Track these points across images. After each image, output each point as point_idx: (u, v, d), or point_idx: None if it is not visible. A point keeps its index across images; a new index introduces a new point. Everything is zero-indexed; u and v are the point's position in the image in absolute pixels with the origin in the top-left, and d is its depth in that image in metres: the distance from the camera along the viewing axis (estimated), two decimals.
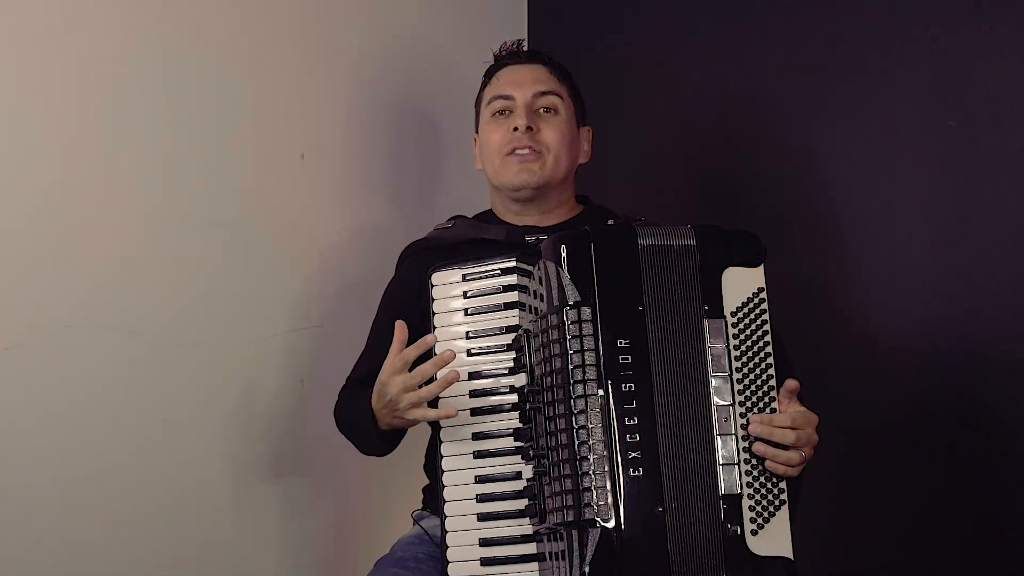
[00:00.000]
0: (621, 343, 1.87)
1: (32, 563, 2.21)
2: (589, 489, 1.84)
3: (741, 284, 1.91)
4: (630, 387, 1.86)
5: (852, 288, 2.57)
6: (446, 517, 2.00)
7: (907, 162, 2.48)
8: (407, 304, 2.18)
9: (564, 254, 1.91)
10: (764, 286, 1.92)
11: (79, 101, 2.25)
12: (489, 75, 2.32)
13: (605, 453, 1.84)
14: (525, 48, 2.35)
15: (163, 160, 2.36)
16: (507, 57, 2.31)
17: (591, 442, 1.85)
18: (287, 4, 2.57)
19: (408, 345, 2.02)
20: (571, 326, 1.87)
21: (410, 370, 1.98)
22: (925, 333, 2.47)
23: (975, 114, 2.40)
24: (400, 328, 1.98)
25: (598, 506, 1.83)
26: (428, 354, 2.00)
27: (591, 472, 1.84)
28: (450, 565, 1.98)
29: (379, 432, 2.09)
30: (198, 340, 2.39)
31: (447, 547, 1.99)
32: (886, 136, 2.50)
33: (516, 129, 2.21)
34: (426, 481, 2.29)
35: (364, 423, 2.10)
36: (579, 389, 1.86)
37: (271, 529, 2.54)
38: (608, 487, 1.83)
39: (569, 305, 1.88)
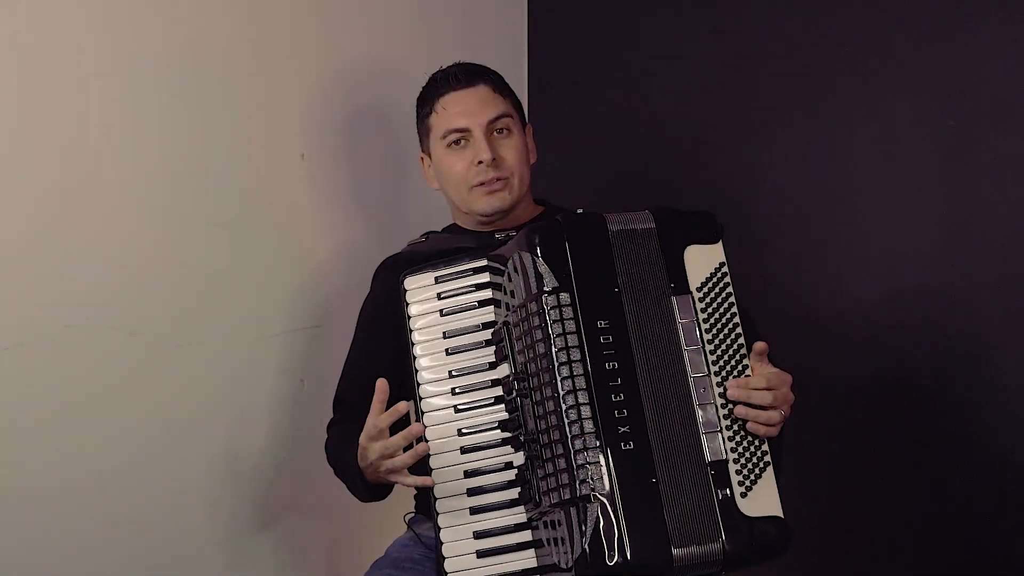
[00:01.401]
0: (601, 324, 1.91)
1: (32, 563, 2.21)
2: (584, 466, 1.86)
3: (703, 261, 1.97)
4: (614, 365, 1.90)
5: (851, 289, 2.57)
6: (438, 514, 2.00)
7: (906, 162, 2.48)
8: (384, 318, 2.20)
9: (538, 243, 1.95)
10: (725, 261, 1.97)
11: (79, 101, 2.25)
12: (430, 100, 2.28)
13: (595, 430, 1.87)
14: (458, 65, 2.29)
15: (163, 160, 2.36)
16: (445, 83, 2.27)
17: (582, 419, 1.88)
18: (288, 4, 2.57)
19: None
20: (551, 311, 1.91)
21: (397, 427, 1.99)
22: (926, 333, 2.47)
23: (975, 114, 2.41)
24: (381, 388, 1.98)
25: (594, 481, 1.85)
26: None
27: (584, 449, 1.87)
28: (447, 561, 1.98)
29: (367, 485, 2.09)
30: (198, 340, 2.40)
31: (442, 543, 2.00)
32: (885, 136, 2.51)
33: (481, 162, 2.21)
34: None
35: (352, 475, 2.10)
36: (564, 371, 1.89)
37: (269, 529, 2.54)
38: (601, 462, 1.86)
39: (547, 291, 1.92)
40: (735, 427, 1.91)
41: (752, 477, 1.89)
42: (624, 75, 2.90)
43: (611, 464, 1.86)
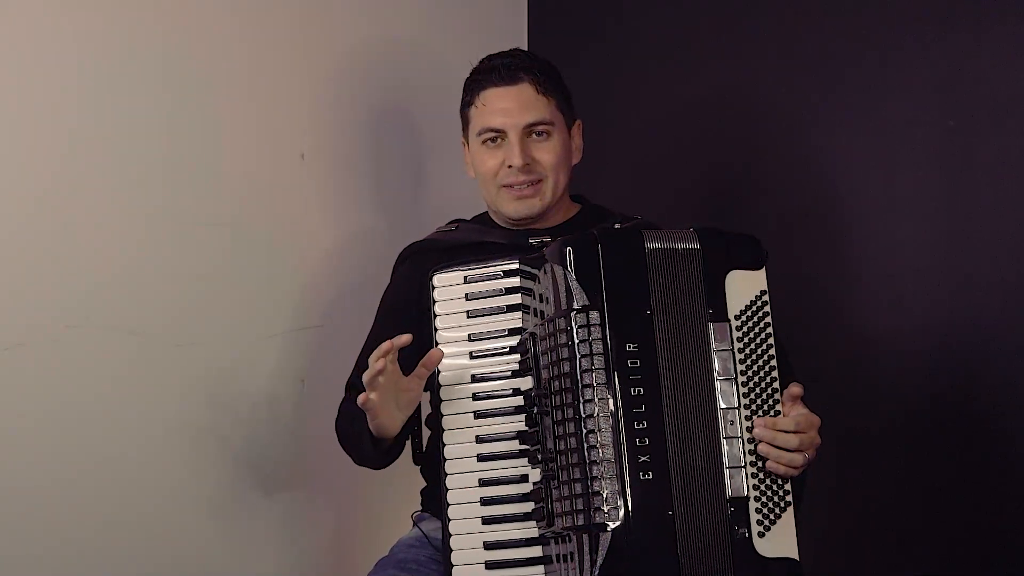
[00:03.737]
0: (630, 347, 1.87)
1: (32, 563, 2.21)
2: (599, 493, 1.83)
3: (744, 287, 1.91)
4: (639, 391, 1.86)
5: (850, 288, 2.57)
6: (449, 520, 1.99)
7: (907, 162, 2.48)
8: (408, 305, 2.17)
9: (571, 257, 1.90)
10: (766, 288, 1.92)
11: (79, 101, 2.25)
12: (472, 91, 2.22)
13: (614, 457, 1.84)
14: (508, 56, 2.22)
15: (163, 160, 2.36)
16: (489, 76, 2.20)
17: (600, 446, 1.84)
18: (287, 4, 2.57)
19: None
20: (579, 330, 1.86)
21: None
22: (926, 334, 2.47)
23: (975, 114, 2.40)
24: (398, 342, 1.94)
25: (608, 510, 1.83)
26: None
27: (601, 476, 1.83)
28: (455, 569, 1.97)
29: (374, 439, 2.05)
30: (197, 340, 2.39)
31: (451, 551, 1.98)
32: (886, 136, 2.50)
33: (511, 166, 2.17)
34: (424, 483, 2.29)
35: (360, 430, 2.07)
36: (588, 393, 1.85)
37: (271, 528, 2.53)
38: (618, 491, 1.83)
39: (577, 309, 1.87)
40: (760, 464, 1.87)
41: (772, 517, 1.86)
42: (623, 72, 2.90)
43: (627, 493, 1.83)
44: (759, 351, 1.90)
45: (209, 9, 2.43)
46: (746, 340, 1.90)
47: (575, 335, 1.87)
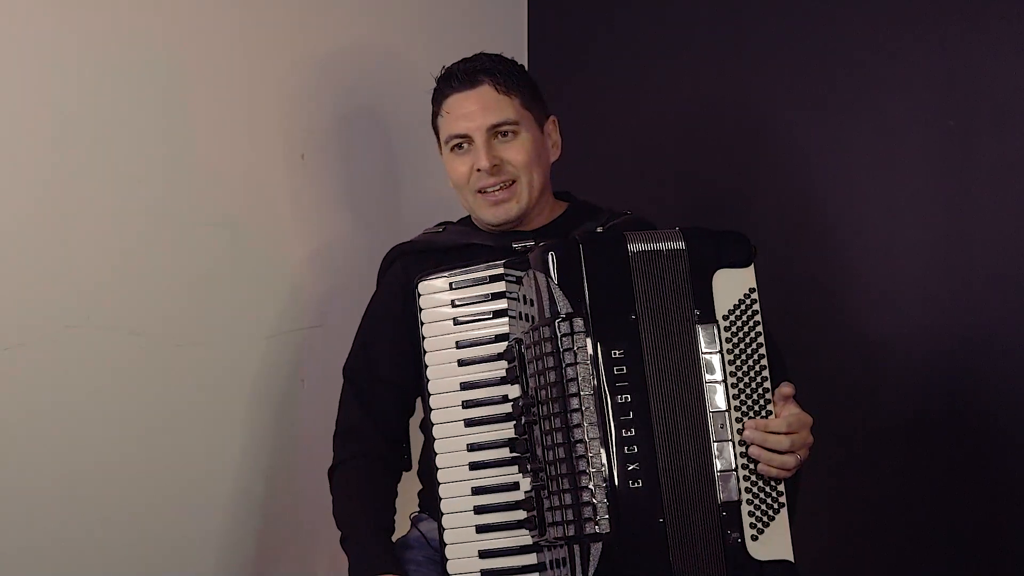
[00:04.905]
0: (615, 354, 1.85)
1: (32, 563, 2.21)
2: (589, 504, 1.82)
3: (732, 286, 1.88)
4: (626, 398, 1.84)
5: (850, 290, 2.57)
6: (444, 529, 2.00)
7: (906, 162, 2.48)
8: (398, 309, 2.16)
9: (553, 264, 1.88)
10: (755, 286, 1.89)
11: (78, 101, 2.25)
12: (437, 101, 2.20)
13: (604, 466, 1.83)
14: (467, 61, 2.18)
15: (163, 160, 2.36)
16: (449, 83, 2.17)
17: (589, 455, 1.83)
18: (287, 4, 2.57)
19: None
20: (564, 338, 1.85)
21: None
22: (925, 334, 2.47)
23: (975, 114, 2.40)
24: None
25: (599, 521, 1.82)
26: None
27: (590, 486, 1.82)
28: None
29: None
30: (198, 340, 2.40)
31: (447, 560, 1.99)
32: (885, 136, 2.50)
33: (479, 169, 2.13)
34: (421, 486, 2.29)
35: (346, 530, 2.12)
36: (575, 402, 1.84)
37: (271, 528, 2.54)
38: (608, 501, 1.82)
39: (561, 317, 1.85)
40: (751, 466, 1.85)
41: (765, 519, 1.84)
42: (623, 72, 2.90)
43: (618, 503, 1.82)
44: (749, 351, 1.87)
45: (209, 9, 2.43)
46: (735, 341, 1.87)
47: (560, 343, 1.85)
